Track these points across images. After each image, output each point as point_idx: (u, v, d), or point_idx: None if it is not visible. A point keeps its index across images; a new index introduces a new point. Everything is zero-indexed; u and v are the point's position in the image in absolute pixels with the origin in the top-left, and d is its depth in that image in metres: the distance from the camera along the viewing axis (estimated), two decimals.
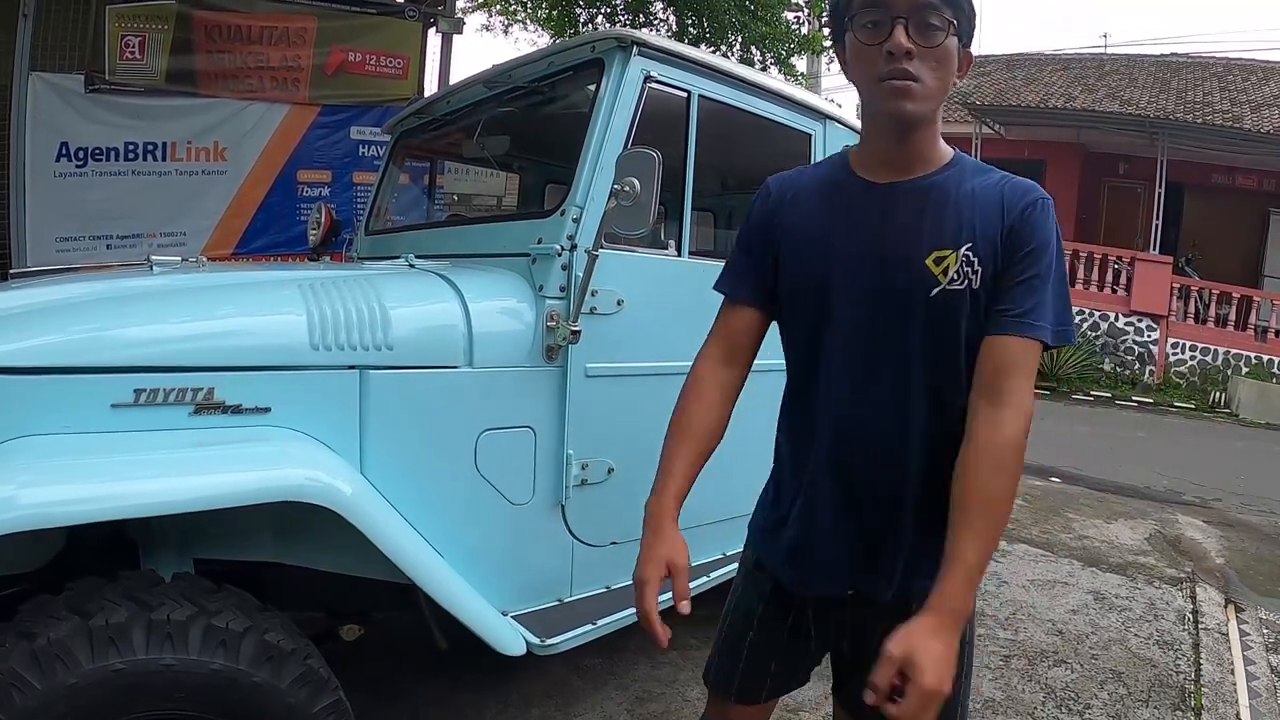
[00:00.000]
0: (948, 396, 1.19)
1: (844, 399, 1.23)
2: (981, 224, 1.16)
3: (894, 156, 1.22)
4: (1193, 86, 14.76)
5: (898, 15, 1.11)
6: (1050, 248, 1.16)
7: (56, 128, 4.58)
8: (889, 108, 1.15)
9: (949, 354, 1.17)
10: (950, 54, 1.15)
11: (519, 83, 2.37)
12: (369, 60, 5.37)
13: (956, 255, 1.15)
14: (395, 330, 1.76)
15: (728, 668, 1.40)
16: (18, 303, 1.65)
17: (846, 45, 1.20)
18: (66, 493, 1.29)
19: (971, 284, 1.15)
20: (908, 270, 1.17)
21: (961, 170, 1.22)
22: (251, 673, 1.37)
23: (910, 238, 1.18)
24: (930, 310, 1.16)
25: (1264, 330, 11.97)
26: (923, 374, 1.18)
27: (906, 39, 1.11)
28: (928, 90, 1.14)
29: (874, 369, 1.20)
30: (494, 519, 1.93)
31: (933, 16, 1.12)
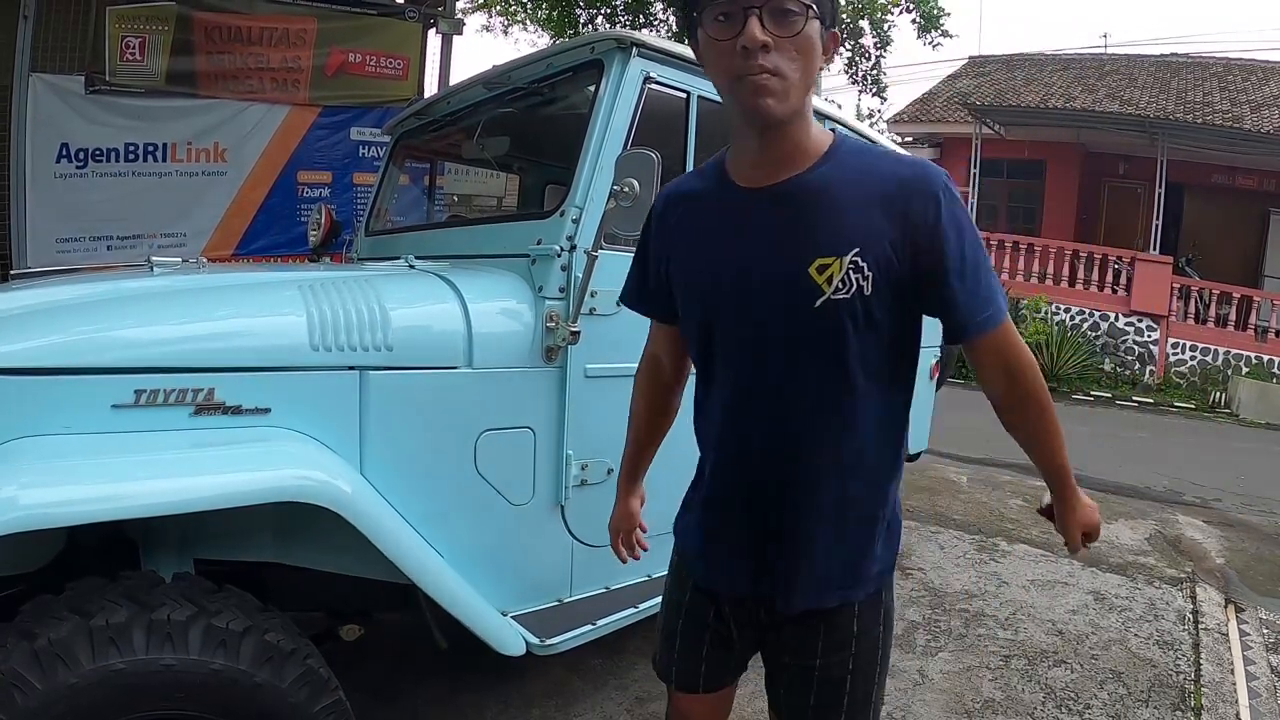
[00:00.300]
0: (839, 406, 1.14)
1: (736, 410, 1.20)
2: (870, 227, 1.09)
3: (764, 157, 1.14)
4: (1193, 86, 14.76)
5: (750, 6, 1.03)
6: (965, 238, 1.10)
7: (57, 129, 4.59)
8: (751, 107, 1.07)
9: (838, 363, 1.12)
10: (812, 41, 1.07)
11: (519, 84, 2.37)
12: (369, 61, 5.37)
13: (841, 263, 1.08)
14: (395, 331, 1.77)
15: (665, 656, 1.41)
16: (19, 304, 1.66)
17: (699, 40, 1.12)
18: (67, 493, 1.30)
19: (862, 290, 1.09)
20: (790, 281, 1.11)
21: (841, 161, 1.14)
22: (252, 673, 1.38)
23: (790, 247, 1.11)
24: (816, 321, 1.10)
25: (1264, 330, 11.96)
26: (812, 385, 1.14)
27: (761, 31, 1.03)
28: (790, 84, 1.06)
29: (762, 381, 1.17)
30: (494, 519, 1.94)
31: (788, 2, 1.04)
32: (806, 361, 1.13)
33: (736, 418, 1.20)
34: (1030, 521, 4.95)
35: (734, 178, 1.19)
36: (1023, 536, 4.64)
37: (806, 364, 1.13)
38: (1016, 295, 12.27)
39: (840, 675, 1.25)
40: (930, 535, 4.55)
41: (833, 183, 1.12)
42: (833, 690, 1.26)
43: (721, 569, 1.29)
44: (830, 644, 1.25)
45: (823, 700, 1.26)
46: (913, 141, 16.06)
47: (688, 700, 1.40)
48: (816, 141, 1.15)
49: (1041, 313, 12.15)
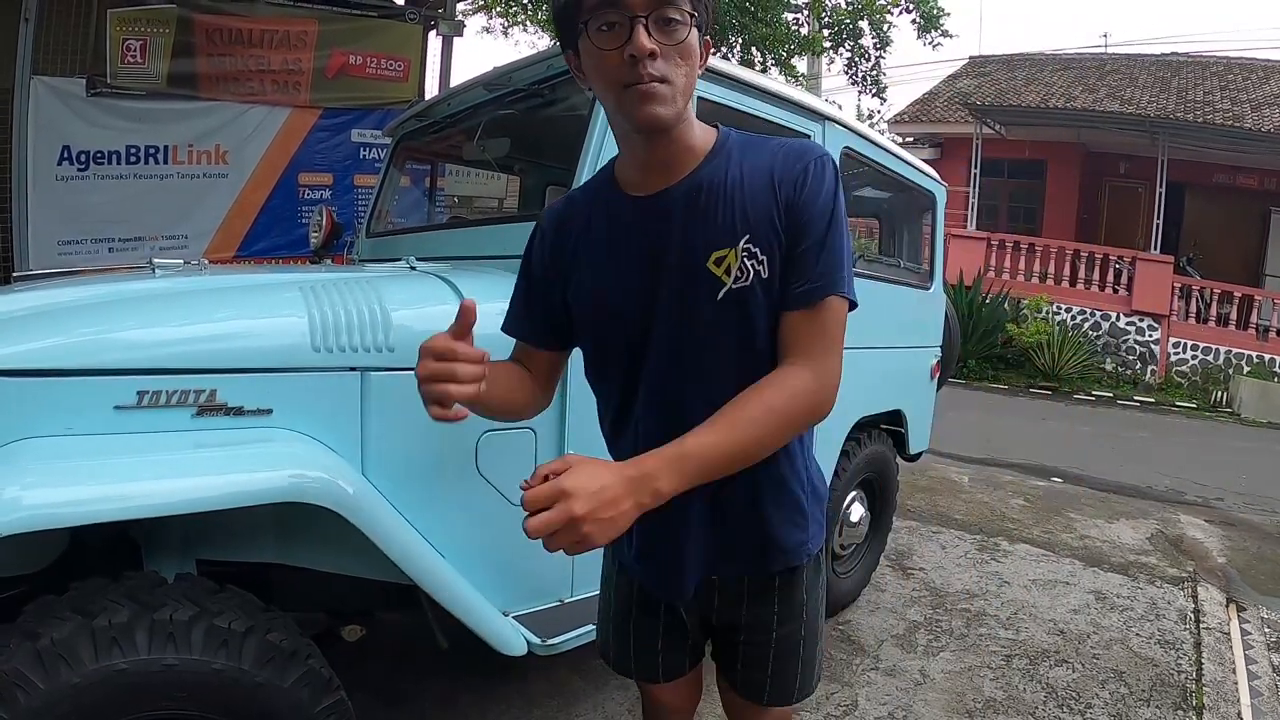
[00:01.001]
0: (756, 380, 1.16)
1: (660, 418, 1.18)
2: (755, 210, 1.12)
3: (654, 161, 1.15)
4: (1193, 86, 14.76)
5: (636, 14, 1.03)
6: (828, 211, 1.12)
7: (58, 131, 4.60)
8: (640, 115, 1.06)
9: (752, 350, 1.14)
10: (693, 48, 1.09)
11: (519, 85, 2.38)
12: (370, 63, 5.38)
13: (735, 252, 1.11)
14: (396, 332, 1.77)
15: (621, 650, 1.44)
16: (21, 305, 1.66)
17: (581, 51, 1.11)
18: (70, 494, 1.30)
19: (760, 274, 1.11)
20: (690, 279, 1.13)
21: (727, 155, 1.16)
22: (254, 673, 1.38)
23: (686, 245, 1.13)
24: (721, 313, 1.13)
25: (1265, 329, 11.94)
26: (729, 371, 1.14)
27: (649, 39, 1.03)
28: (676, 90, 1.07)
29: (683, 383, 1.17)
30: (495, 519, 1.94)
31: (672, 11, 1.04)
32: (719, 350, 1.15)
33: (662, 425, 1.15)
34: (1032, 521, 4.96)
35: (624, 188, 1.20)
36: (1024, 536, 4.65)
37: (724, 357, 1.15)
38: (1018, 295, 12.28)
39: (796, 639, 1.33)
40: (931, 535, 4.55)
41: (718, 177, 1.14)
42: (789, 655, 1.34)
43: (671, 579, 1.29)
44: (784, 612, 1.32)
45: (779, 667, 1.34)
46: (913, 142, 16.06)
47: (655, 689, 1.46)
48: (702, 141, 1.18)
49: (1042, 312, 12.15)
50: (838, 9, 10.25)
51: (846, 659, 2.99)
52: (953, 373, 4.72)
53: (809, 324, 1.12)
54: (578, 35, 1.09)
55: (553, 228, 1.28)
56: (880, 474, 3.49)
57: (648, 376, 1.20)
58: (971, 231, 13.54)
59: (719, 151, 1.17)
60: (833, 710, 2.63)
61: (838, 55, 10.84)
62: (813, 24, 9.88)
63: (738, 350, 1.15)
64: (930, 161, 10.49)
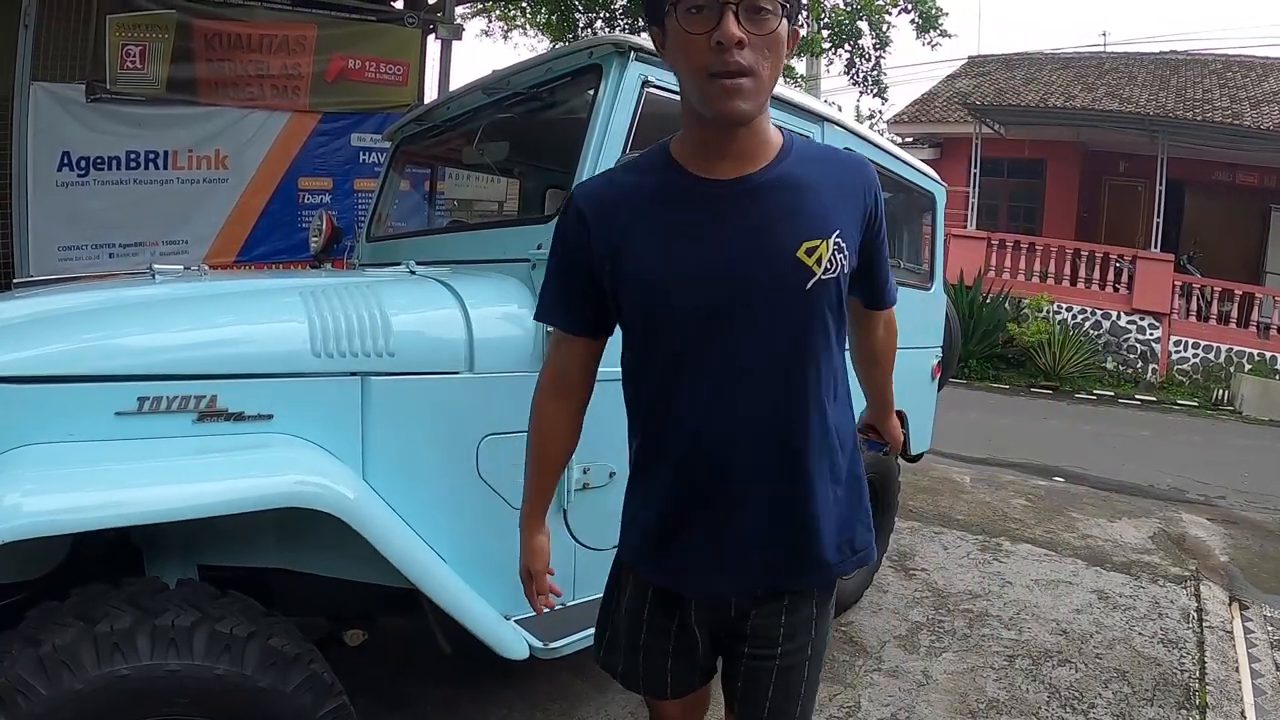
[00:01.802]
0: (827, 373, 1.21)
1: (727, 406, 1.17)
2: (845, 211, 1.19)
3: (730, 149, 1.15)
4: (1192, 84, 14.76)
5: (727, 1, 1.02)
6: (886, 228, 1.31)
7: (58, 137, 4.60)
8: (722, 108, 1.07)
9: (827, 336, 1.19)
10: (782, 40, 1.08)
11: (518, 89, 2.38)
12: (369, 67, 5.38)
13: (828, 244, 1.14)
14: (396, 337, 1.77)
15: (630, 665, 1.38)
16: (22, 312, 1.66)
17: (667, 30, 1.10)
18: (71, 500, 1.30)
19: (844, 269, 1.18)
20: (781, 266, 1.13)
21: (801, 154, 1.20)
22: (256, 678, 1.38)
23: (777, 232, 1.13)
24: (805, 303, 1.15)
25: (1266, 327, 11.95)
26: (808, 361, 1.18)
27: (737, 27, 1.02)
28: (761, 83, 1.07)
29: (757, 370, 1.16)
30: (496, 523, 1.93)
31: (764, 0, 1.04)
32: (801, 339, 1.17)
33: (731, 407, 1.17)
34: (1034, 521, 4.96)
35: (692, 169, 1.17)
36: (1026, 536, 4.64)
37: (801, 341, 1.17)
38: (1018, 295, 12.27)
39: (800, 661, 1.29)
40: (933, 535, 4.55)
41: (805, 172, 1.18)
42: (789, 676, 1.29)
43: (694, 573, 1.26)
44: (791, 630, 1.27)
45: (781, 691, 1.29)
46: (913, 142, 16.06)
47: (662, 705, 1.42)
48: (775, 136, 1.20)
49: (1043, 312, 12.14)
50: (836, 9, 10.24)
51: (849, 660, 2.99)
52: (954, 373, 4.72)
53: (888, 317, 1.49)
54: (664, 14, 1.08)
55: (593, 208, 1.22)
56: (881, 475, 3.49)
57: (714, 349, 1.16)
58: (971, 231, 13.54)
59: (791, 150, 1.20)
60: (835, 712, 2.63)
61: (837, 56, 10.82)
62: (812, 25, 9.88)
63: (811, 335, 1.18)
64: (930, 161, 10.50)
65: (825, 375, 1.21)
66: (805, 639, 1.28)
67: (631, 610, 1.36)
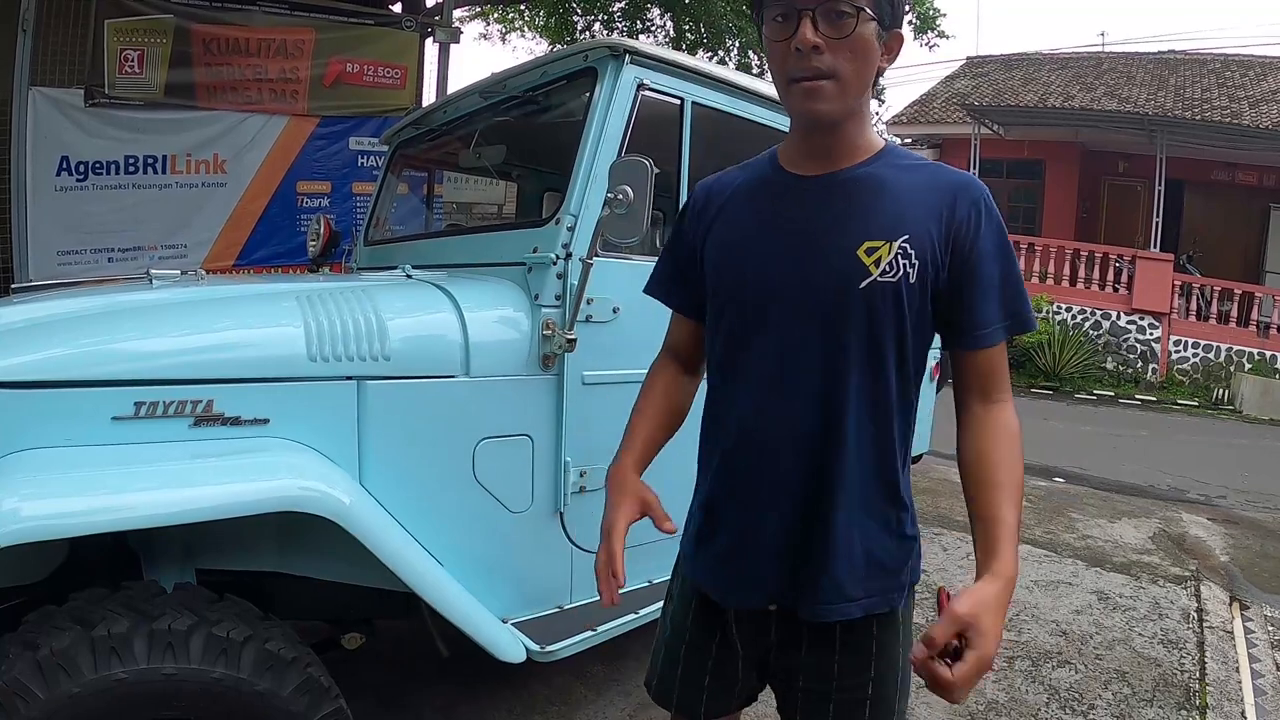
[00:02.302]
0: (874, 393, 1.14)
1: (766, 401, 1.17)
2: (920, 219, 1.11)
3: (818, 148, 1.17)
4: (1191, 83, 14.76)
5: (804, 7, 1.05)
6: (999, 247, 1.13)
7: (57, 142, 4.62)
8: (801, 109, 1.11)
9: (878, 348, 1.12)
10: (866, 42, 1.07)
11: (514, 92, 2.39)
12: (367, 71, 5.40)
13: (891, 247, 1.10)
14: (392, 341, 1.78)
15: (666, 680, 1.33)
16: (19, 317, 1.67)
17: (764, 38, 1.14)
18: (68, 505, 1.31)
19: (907, 277, 1.10)
20: (837, 262, 1.11)
21: (893, 161, 1.17)
22: (253, 681, 1.39)
23: (840, 229, 1.13)
24: (859, 302, 1.11)
25: (1266, 326, 11.94)
26: (850, 369, 1.12)
27: (814, 33, 1.04)
28: (841, 87, 1.08)
29: (799, 366, 1.14)
30: (493, 527, 1.94)
31: (841, 3, 1.04)
32: (846, 343, 1.12)
33: (770, 402, 1.16)
34: (1033, 522, 4.95)
35: (785, 166, 1.22)
36: (1026, 537, 4.64)
37: (846, 345, 1.12)
38: None
39: (860, 698, 1.19)
40: (933, 537, 4.54)
41: (887, 177, 1.15)
42: (852, 715, 1.19)
43: (738, 581, 1.21)
44: (847, 664, 1.18)
45: None
46: (912, 142, 16.06)
47: None
48: (870, 140, 1.18)
49: (1043, 312, 12.13)
50: None
51: None
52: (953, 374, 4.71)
53: (1001, 358, 1.16)
54: (762, 21, 1.13)
55: (701, 195, 1.31)
56: None
57: (768, 343, 1.17)
58: None
59: (884, 156, 1.18)
60: None
61: None
62: None
63: (862, 341, 1.12)
64: None
65: (873, 391, 1.13)
66: (865, 676, 1.19)
67: (675, 620, 1.34)
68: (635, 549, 2.27)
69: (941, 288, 1.13)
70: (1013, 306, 1.14)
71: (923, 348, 1.16)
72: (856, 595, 1.15)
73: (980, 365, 1.16)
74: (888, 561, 1.18)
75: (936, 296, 1.13)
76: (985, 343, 1.14)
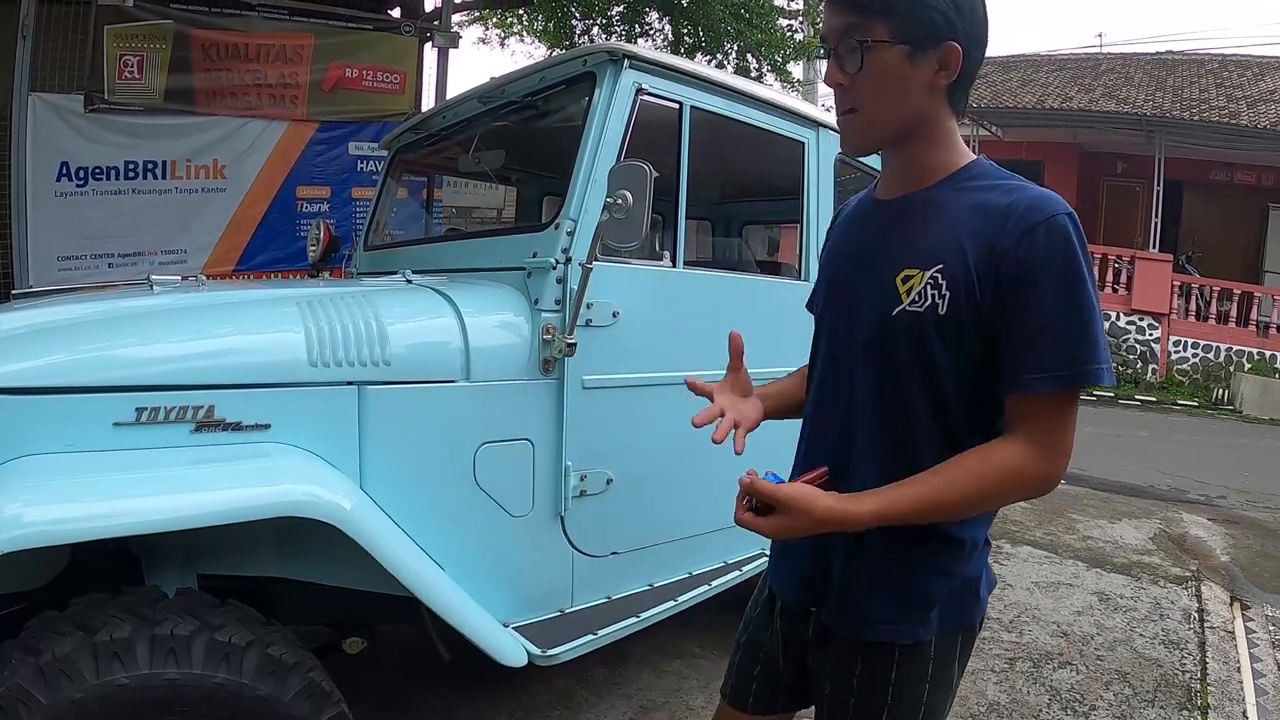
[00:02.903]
0: (900, 421, 1.10)
1: (814, 410, 1.24)
2: (960, 247, 1.04)
3: (893, 175, 1.19)
4: (1188, 84, 14.78)
5: (829, 46, 1.09)
6: (1059, 283, 0.99)
7: (57, 147, 4.62)
8: (842, 144, 1.18)
9: (898, 377, 1.09)
10: (884, 72, 1.06)
11: (513, 97, 2.39)
12: (366, 76, 5.40)
13: (923, 276, 1.06)
14: (392, 346, 1.78)
15: (729, 667, 1.39)
16: (21, 323, 1.68)
17: None
18: (70, 511, 1.31)
19: (936, 308, 1.04)
20: (876, 287, 1.12)
21: (963, 182, 1.11)
22: (255, 686, 1.39)
23: (887, 255, 1.13)
24: (885, 329, 1.09)
25: (1265, 326, 11.98)
26: (871, 394, 1.12)
27: (835, 72, 1.09)
28: (869, 117, 1.10)
29: (834, 385, 1.19)
30: (494, 531, 1.94)
31: (845, 41, 1.07)
32: (873, 370, 1.12)
33: (814, 417, 1.24)
34: (1034, 523, 4.96)
35: (876, 190, 1.25)
36: (1027, 538, 4.65)
37: (873, 372, 1.12)
38: None
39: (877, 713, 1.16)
40: None
41: (942, 200, 1.11)
42: None
43: (782, 569, 1.29)
44: (866, 681, 1.15)
45: None
46: None
47: (734, 714, 1.35)
48: (946, 162, 1.13)
49: None
50: None
51: None
52: None
53: (1044, 408, 1.03)
54: None
55: (836, 215, 1.40)
56: None
57: (821, 367, 1.25)
58: None
59: (956, 178, 1.12)
60: None
61: None
62: (807, 29, 9.90)
63: (885, 369, 1.10)
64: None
65: (906, 419, 1.09)
66: (879, 703, 1.14)
67: (747, 618, 1.40)
68: (636, 553, 2.30)
69: (988, 321, 1.03)
70: (1070, 353, 0.99)
71: (976, 388, 1.07)
72: (873, 617, 1.13)
73: (1022, 410, 1.04)
74: (916, 593, 1.13)
75: (986, 330, 1.04)
76: (1029, 388, 1.01)
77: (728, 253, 4.26)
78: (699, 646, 2.90)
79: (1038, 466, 1.04)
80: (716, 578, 2.42)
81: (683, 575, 2.38)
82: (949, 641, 1.16)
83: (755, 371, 1.37)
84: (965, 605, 1.16)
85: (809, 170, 2.65)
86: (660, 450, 2.26)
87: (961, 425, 1.09)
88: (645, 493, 2.25)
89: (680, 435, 1.40)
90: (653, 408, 2.22)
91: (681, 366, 2.27)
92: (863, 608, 1.14)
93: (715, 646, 2.89)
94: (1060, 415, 1.03)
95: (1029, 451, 1.03)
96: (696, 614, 2.43)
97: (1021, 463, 1.03)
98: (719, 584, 2.41)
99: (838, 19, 1.08)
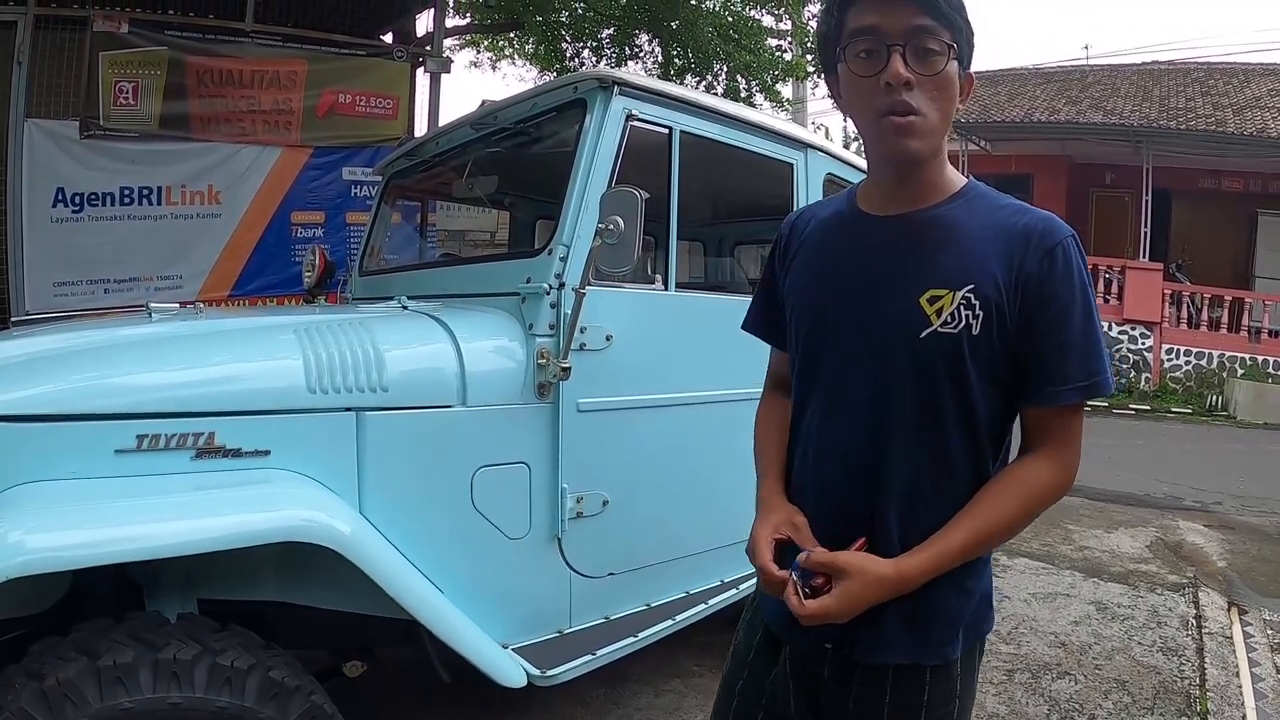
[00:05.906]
0: (931, 441, 1.09)
1: (824, 435, 1.16)
2: (987, 267, 1.06)
3: (898, 191, 1.14)
4: (1175, 93, 14.90)
5: (894, 42, 1.02)
6: (1076, 302, 1.05)
7: (53, 173, 4.65)
8: (891, 148, 1.07)
9: (934, 398, 1.07)
10: (951, 81, 1.06)
11: (505, 123, 2.43)
12: (359, 101, 5.46)
13: (954, 296, 1.05)
14: (389, 372, 1.80)
15: (722, 710, 1.31)
16: (21, 351, 1.70)
17: (840, 78, 1.12)
18: (72, 537, 1.33)
19: (970, 328, 1.05)
20: (896, 309, 1.08)
21: (972, 202, 1.12)
22: (257, 710, 1.40)
23: (904, 274, 1.09)
24: (915, 351, 1.07)
25: (1257, 331, 12.04)
26: (903, 416, 1.09)
27: (905, 68, 1.02)
28: (930, 124, 1.06)
29: (853, 406, 1.13)
30: (492, 554, 1.96)
31: (930, 41, 1.03)
32: (901, 392, 1.09)
33: (824, 440, 1.16)
34: (1030, 534, 4.96)
35: (863, 206, 1.20)
36: (1023, 550, 4.65)
37: (901, 394, 1.09)
38: None
39: None
40: None
41: (957, 220, 1.10)
42: None
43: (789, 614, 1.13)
44: (897, 709, 1.13)
45: None
46: None
47: None
48: (949, 179, 1.15)
49: None
50: None
51: None
52: None
53: (1063, 420, 1.09)
54: (837, 61, 1.11)
55: (786, 229, 1.32)
56: None
57: (825, 386, 1.17)
58: None
59: (962, 196, 1.13)
60: None
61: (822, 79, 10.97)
62: (796, 49, 10.00)
63: (917, 391, 1.08)
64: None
65: (934, 439, 1.09)
66: None
67: (737, 650, 1.32)
68: (633, 573, 2.31)
69: (1012, 341, 1.06)
70: (1088, 365, 1.05)
71: (998, 405, 1.10)
72: (901, 641, 1.11)
73: (1045, 423, 1.09)
74: (943, 613, 1.12)
75: (1010, 350, 1.07)
76: (1055, 401, 1.06)
77: (720, 273, 4.28)
78: (697, 665, 2.90)
79: (1060, 476, 1.09)
80: (713, 596, 2.43)
81: (680, 594, 2.39)
82: (970, 655, 1.17)
83: (745, 392, 1.38)
84: (981, 617, 1.18)
85: (798, 190, 2.68)
86: (655, 471, 2.28)
87: (985, 448, 1.11)
88: (641, 513, 2.26)
89: (675, 456, 1.41)
90: (648, 429, 2.24)
91: (675, 388, 2.29)
92: (888, 632, 1.11)
93: (713, 665, 2.89)
94: (1076, 425, 1.10)
95: (1052, 464, 1.09)
96: (694, 633, 2.44)
97: (1049, 476, 1.08)
98: (716, 602, 2.41)
99: (908, 17, 1.03)
